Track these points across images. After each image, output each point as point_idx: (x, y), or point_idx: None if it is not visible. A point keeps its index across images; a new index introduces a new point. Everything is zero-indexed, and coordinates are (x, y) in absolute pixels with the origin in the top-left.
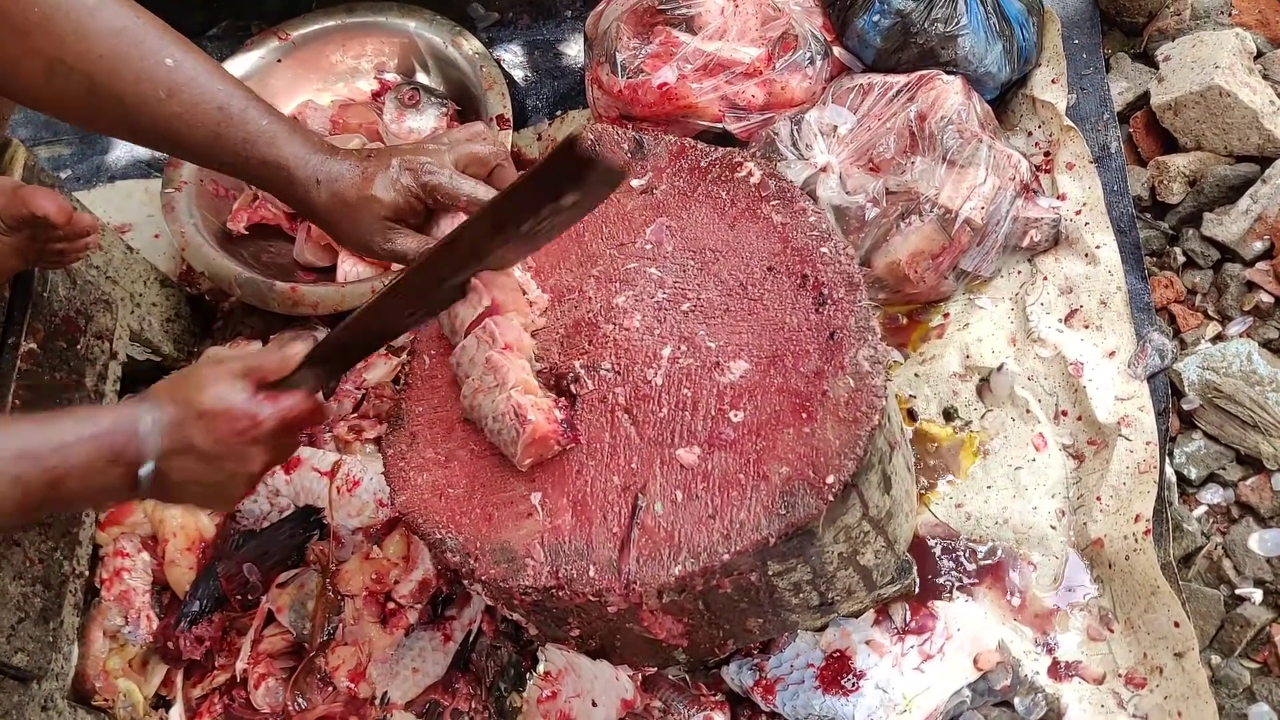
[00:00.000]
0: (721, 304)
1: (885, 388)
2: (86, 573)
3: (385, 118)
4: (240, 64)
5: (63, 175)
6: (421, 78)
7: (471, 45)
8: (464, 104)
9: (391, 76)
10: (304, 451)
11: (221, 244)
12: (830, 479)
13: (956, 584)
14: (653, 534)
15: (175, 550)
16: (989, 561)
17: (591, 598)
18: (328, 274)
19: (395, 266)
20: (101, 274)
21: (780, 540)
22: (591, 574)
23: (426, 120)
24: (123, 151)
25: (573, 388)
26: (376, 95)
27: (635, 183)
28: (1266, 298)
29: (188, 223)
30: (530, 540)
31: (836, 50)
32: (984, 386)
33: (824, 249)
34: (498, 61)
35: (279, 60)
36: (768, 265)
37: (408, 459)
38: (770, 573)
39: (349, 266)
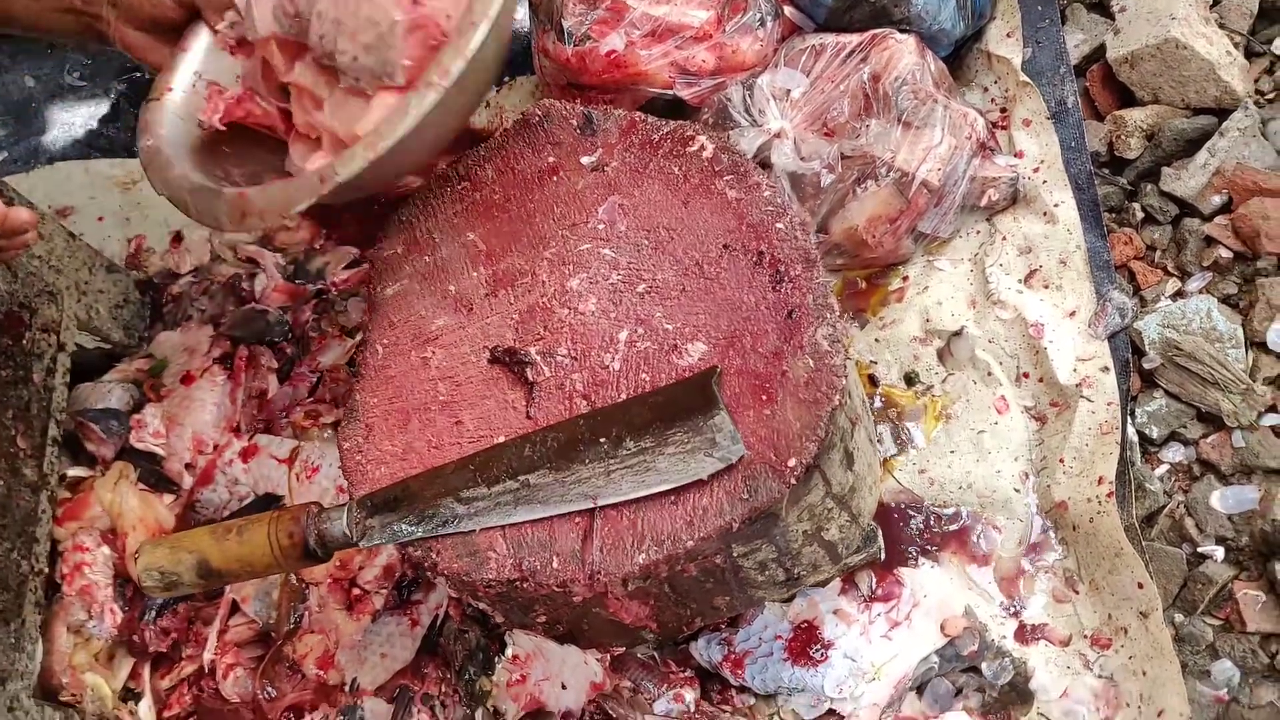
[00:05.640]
0: (678, 284)
1: (845, 367)
2: (46, 569)
3: None
4: None
5: None
6: None
7: None
8: None
9: None
10: (261, 439)
11: (200, 161)
12: (792, 462)
13: (922, 550)
14: (615, 523)
15: (135, 543)
16: (954, 527)
17: (556, 589)
18: None
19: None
20: (44, 264)
21: (744, 524)
22: (555, 565)
23: None
24: (60, 132)
25: (529, 374)
26: None
27: (585, 160)
28: (1225, 252)
29: (161, 133)
30: (491, 533)
31: (787, 10)
32: (945, 350)
33: (779, 224)
34: None
35: None
36: (723, 243)
37: (364, 452)
38: (735, 554)
39: (314, 160)
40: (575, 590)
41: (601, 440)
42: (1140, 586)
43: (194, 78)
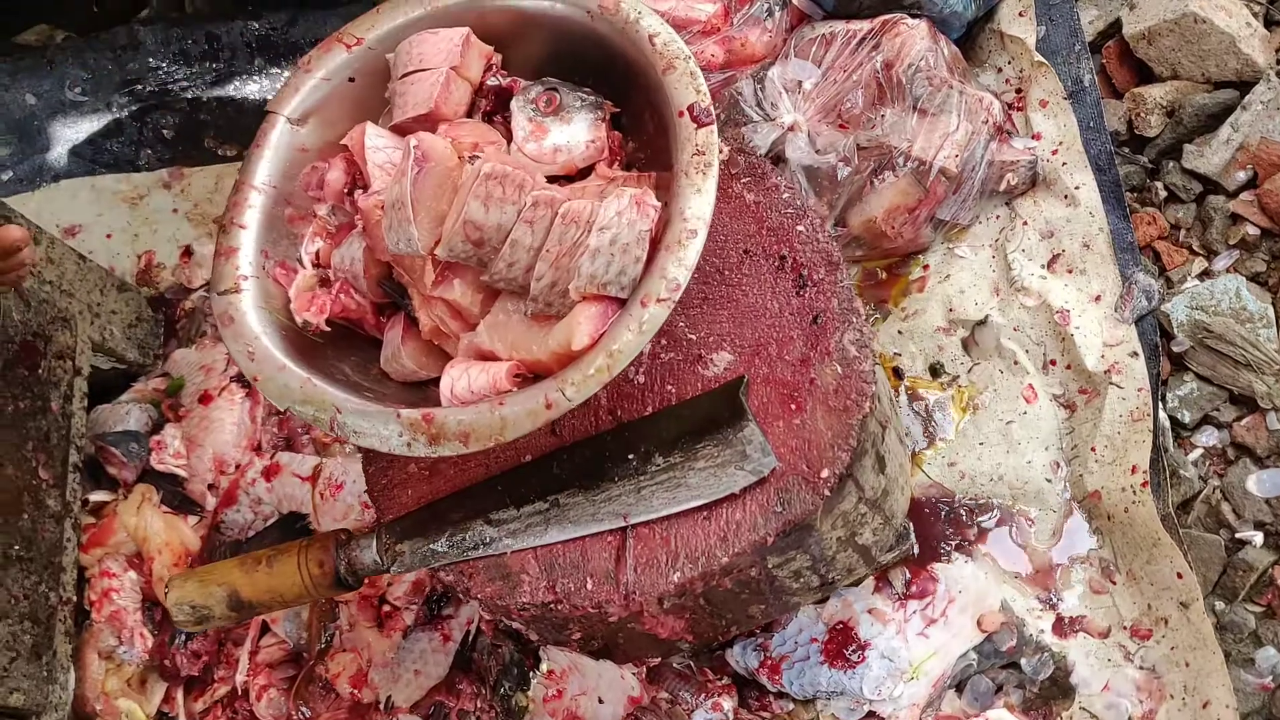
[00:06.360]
0: (699, 292)
1: (874, 373)
2: (74, 598)
3: (516, 134)
4: (301, 97)
5: (2, 177)
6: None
7: (630, 6)
8: (627, 99)
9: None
10: (283, 457)
11: (299, 355)
12: (825, 473)
13: (955, 545)
14: (648, 541)
15: (162, 567)
16: (986, 520)
17: (591, 609)
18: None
19: None
20: (56, 289)
21: (778, 538)
22: (589, 587)
23: (577, 131)
24: (64, 149)
25: None
26: (492, 108)
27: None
28: (1252, 229)
29: (255, 334)
30: (523, 555)
31: None
32: (970, 339)
33: (800, 227)
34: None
35: (351, 79)
36: (743, 248)
37: (390, 475)
38: (770, 565)
39: (461, 375)
40: (611, 611)
41: (630, 456)
42: (1180, 576)
43: (261, 258)
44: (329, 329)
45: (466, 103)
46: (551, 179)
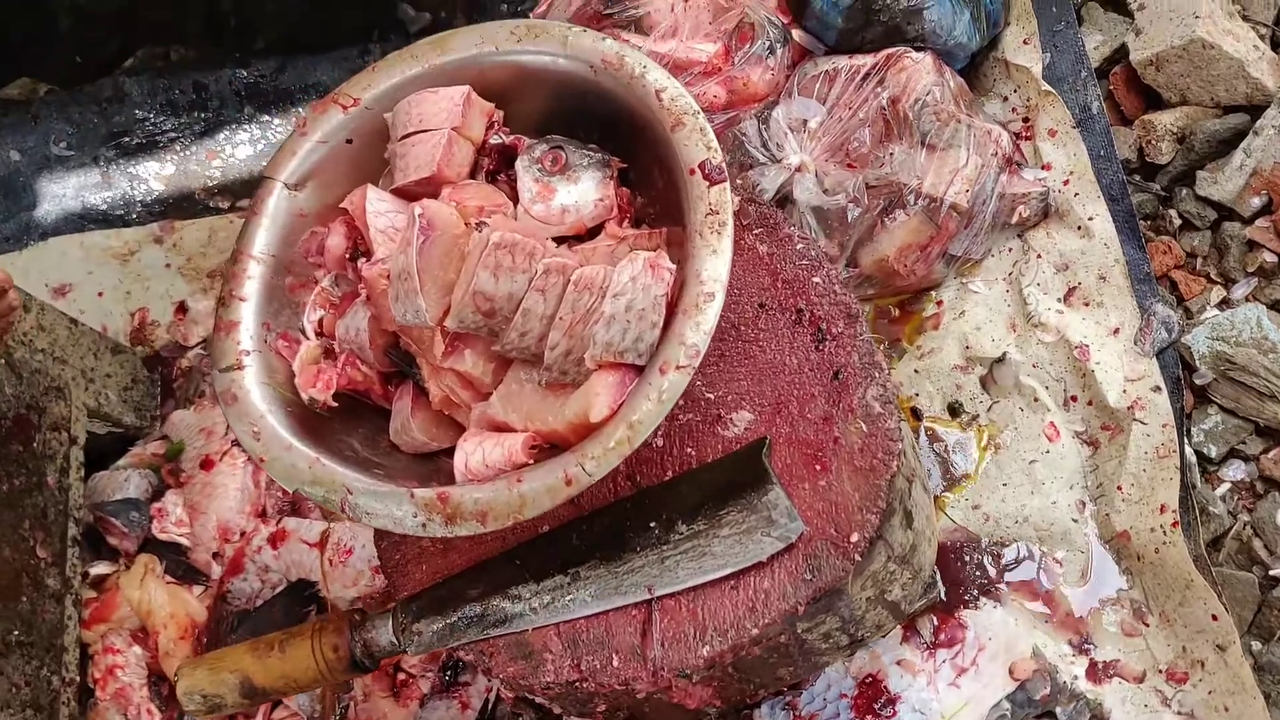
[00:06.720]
0: (715, 349)
1: (900, 430)
2: (78, 678)
3: (523, 196)
4: (298, 160)
5: None
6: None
7: (635, 60)
8: (634, 154)
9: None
10: (289, 523)
11: (305, 432)
12: (855, 537)
13: (982, 590)
14: (674, 613)
15: (168, 641)
16: (1013, 563)
17: (618, 686)
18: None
19: None
20: (48, 356)
21: (808, 605)
22: (615, 663)
23: (585, 190)
24: (51, 205)
25: None
26: (495, 167)
27: None
28: (1270, 256)
29: (259, 413)
30: (545, 631)
31: (796, 34)
32: (988, 377)
33: (816, 279)
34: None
35: (349, 141)
36: (758, 302)
37: (403, 551)
38: (799, 630)
39: (476, 449)
40: (638, 687)
41: (652, 525)
42: (1215, 618)
43: (263, 331)
44: (336, 404)
45: (469, 163)
46: (560, 239)
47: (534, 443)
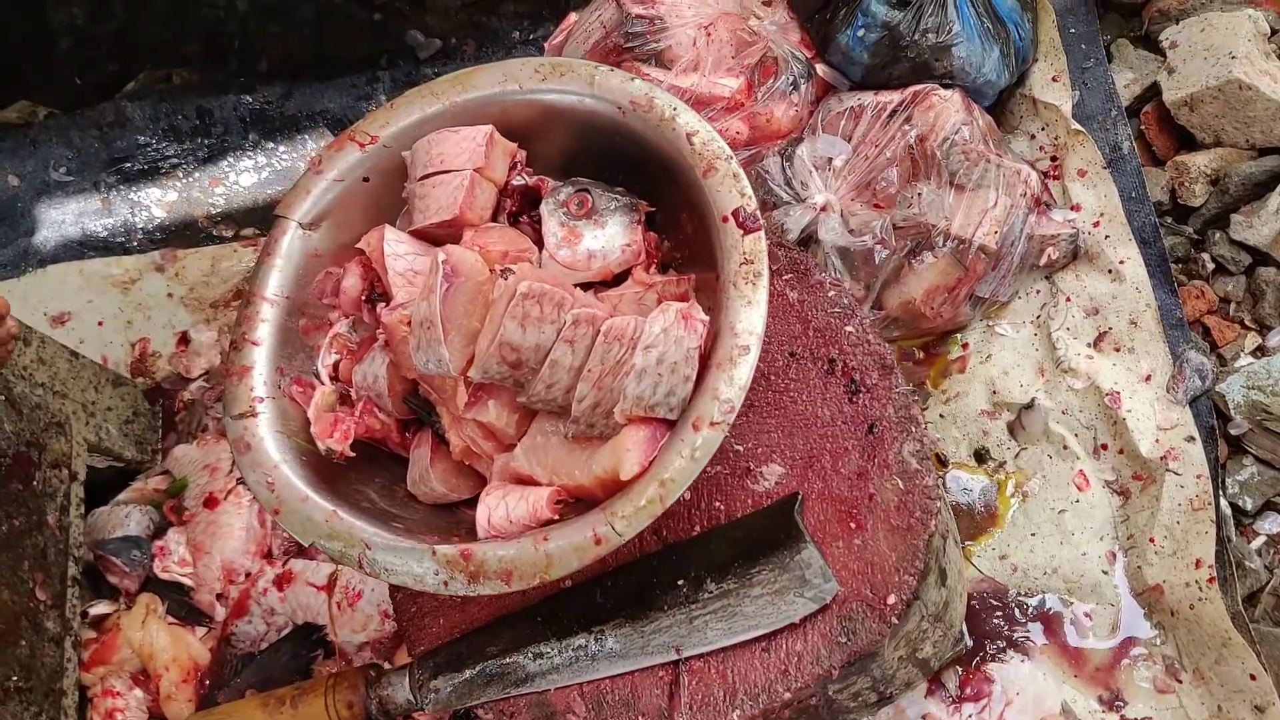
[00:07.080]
0: (745, 400)
1: (938, 488)
2: None
3: (548, 240)
4: (312, 199)
5: None
6: None
7: (665, 103)
8: (661, 196)
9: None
10: (296, 564)
11: (320, 480)
12: (891, 599)
13: (1010, 643)
14: (703, 675)
15: (170, 684)
16: (1041, 615)
17: None
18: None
19: None
20: (49, 391)
21: (843, 669)
22: None
23: (612, 235)
24: (51, 232)
25: None
26: (517, 208)
27: None
28: None
29: (273, 464)
30: (568, 692)
31: (820, 69)
32: (1015, 423)
33: (849, 328)
34: None
35: (365, 179)
36: (789, 350)
37: (419, 603)
38: (830, 692)
39: (499, 503)
40: None
41: (680, 582)
42: (1253, 678)
43: (277, 376)
44: (354, 454)
45: (492, 205)
46: (585, 285)
47: (559, 497)
